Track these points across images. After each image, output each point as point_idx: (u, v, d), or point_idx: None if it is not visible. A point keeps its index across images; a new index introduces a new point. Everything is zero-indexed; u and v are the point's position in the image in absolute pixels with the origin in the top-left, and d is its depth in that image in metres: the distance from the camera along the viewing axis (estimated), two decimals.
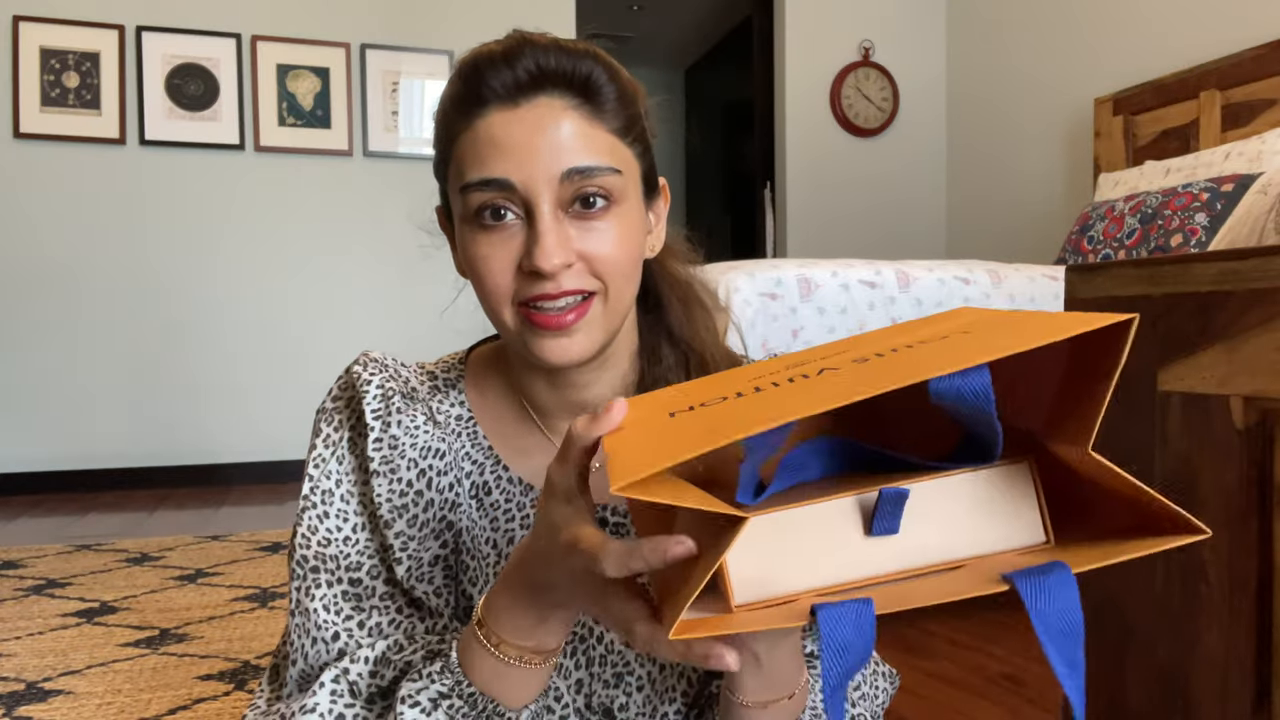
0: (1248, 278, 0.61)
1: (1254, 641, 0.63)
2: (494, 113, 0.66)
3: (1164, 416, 0.68)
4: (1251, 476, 0.63)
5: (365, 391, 0.71)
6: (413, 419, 0.71)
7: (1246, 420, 0.63)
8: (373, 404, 0.71)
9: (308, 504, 0.71)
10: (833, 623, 0.41)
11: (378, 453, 0.70)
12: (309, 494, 0.72)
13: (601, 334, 0.68)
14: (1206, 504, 0.66)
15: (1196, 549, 0.67)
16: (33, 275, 3.51)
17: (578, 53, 0.67)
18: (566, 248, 0.65)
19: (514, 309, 0.67)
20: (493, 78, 0.65)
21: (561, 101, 0.66)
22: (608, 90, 0.68)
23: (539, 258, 0.64)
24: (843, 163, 4.53)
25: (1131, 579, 0.73)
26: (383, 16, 3.89)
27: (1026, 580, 0.41)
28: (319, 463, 0.72)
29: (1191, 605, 0.67)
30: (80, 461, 3.56)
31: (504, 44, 0.67)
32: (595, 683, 0.69)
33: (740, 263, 2.16)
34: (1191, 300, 0.65)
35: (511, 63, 0.65)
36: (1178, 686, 0.69)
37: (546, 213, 0.64)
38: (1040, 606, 0.40)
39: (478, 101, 0.66)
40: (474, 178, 0.65)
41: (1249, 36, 3.03)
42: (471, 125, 0.66)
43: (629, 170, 0.69)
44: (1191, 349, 0.66)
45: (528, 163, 0.64)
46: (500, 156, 0.65)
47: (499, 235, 0.66)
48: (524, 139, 0.64)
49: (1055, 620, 0.40)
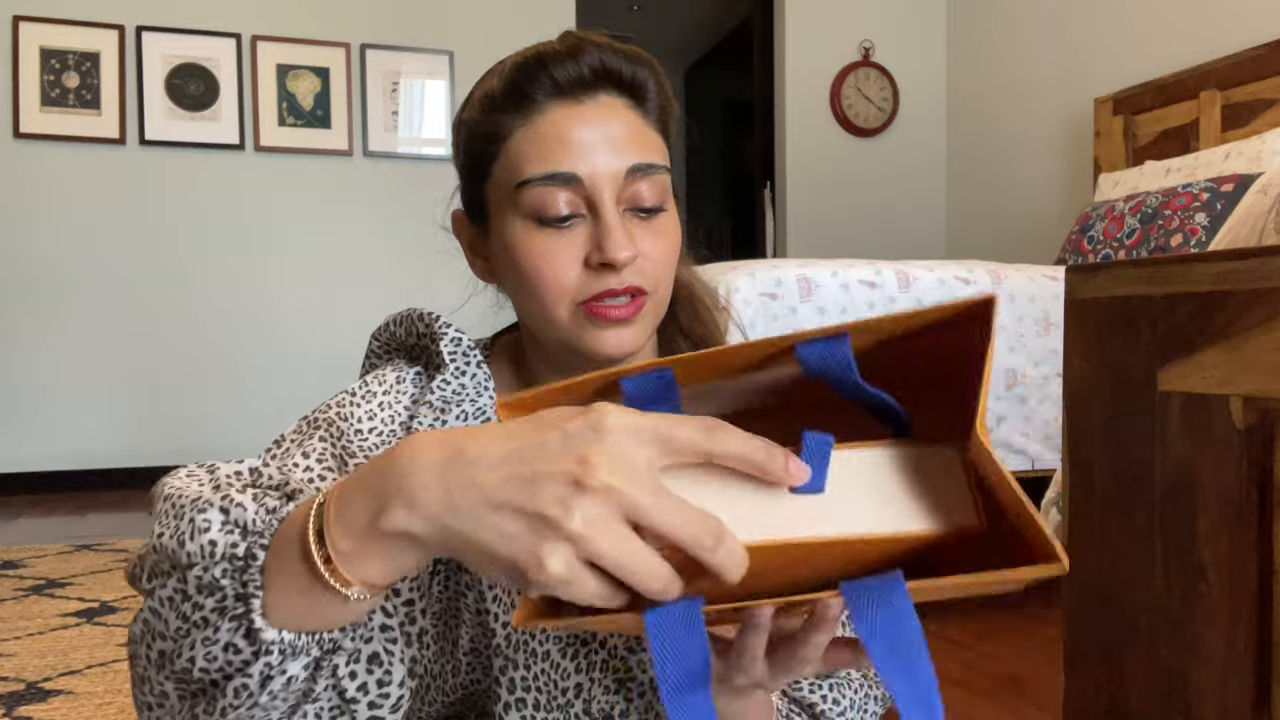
0: (1248, 278, 0.61)
1: (1254, 641, 0.63)
2: (556, 108, 0.66)
3: (1164, 416, 0.68)
4: (1251, 476, 0.63)
5: (444, 332, 0.70)
6: (482, 377, 0.69)
7: (1246, 420, 0.63)
8: (449, 346, 0.69)
9: (344, 394, 0.69)
10: (660, 624, 0.40)
11: (441, 391, 0.67)
12: (356, 389, 0.69)
13: (648, 331, 0.69)
14: (1206, 504, 0.66)
15: (1196, 549, 0.67)
16: (33, 275, 3.51)
17: (634, 56, 0.68)
18: (634, 243, 0.65)
19: (572, 306, 0.66)
20: (557, 71, 0.65)
21: (619, 100, 0.67)
22: (654, 94, 0.69)
23: (611, 249, 0.63)
24: (843, 163, 4.53)
25: (1131, 579, 0.73)
26: (383, 16, 3.89)
27: (856, 589, 0.40)
28: (375, 375, 0.71)
29: (1191, 605, 0.67)
30: (80, 461, 3.56)
31: (564, 42, 0.67)
32: (595, 688, 0.69)
33: (740, 263, 2.16)
34: (1191, 300, 0.65)
35: (576, 59, 0.66)
36: (1178, 686, 0.69)
37: (612, 208, 0.65)
38: (870, 616, 0.39)
39: (535, 96, 0.66)
40: (537, 172, 0.65)
41: (1249, 36, 3.03)
42: (530, 120, 0.66)
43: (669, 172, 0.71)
44: (1191, 349, 0.66)
45: (593, 158, 0.64)
46: (566, 151, 0.64)
47: (564, 236, 0.65)
48: (589, 134, 0.65)
49: (884, 630, 0.39)
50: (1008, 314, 2.20)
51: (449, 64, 3.94)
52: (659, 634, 0.40)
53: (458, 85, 3.95)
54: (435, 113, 3.97)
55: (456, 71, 3.94)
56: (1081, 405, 0.77)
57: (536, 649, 0.67)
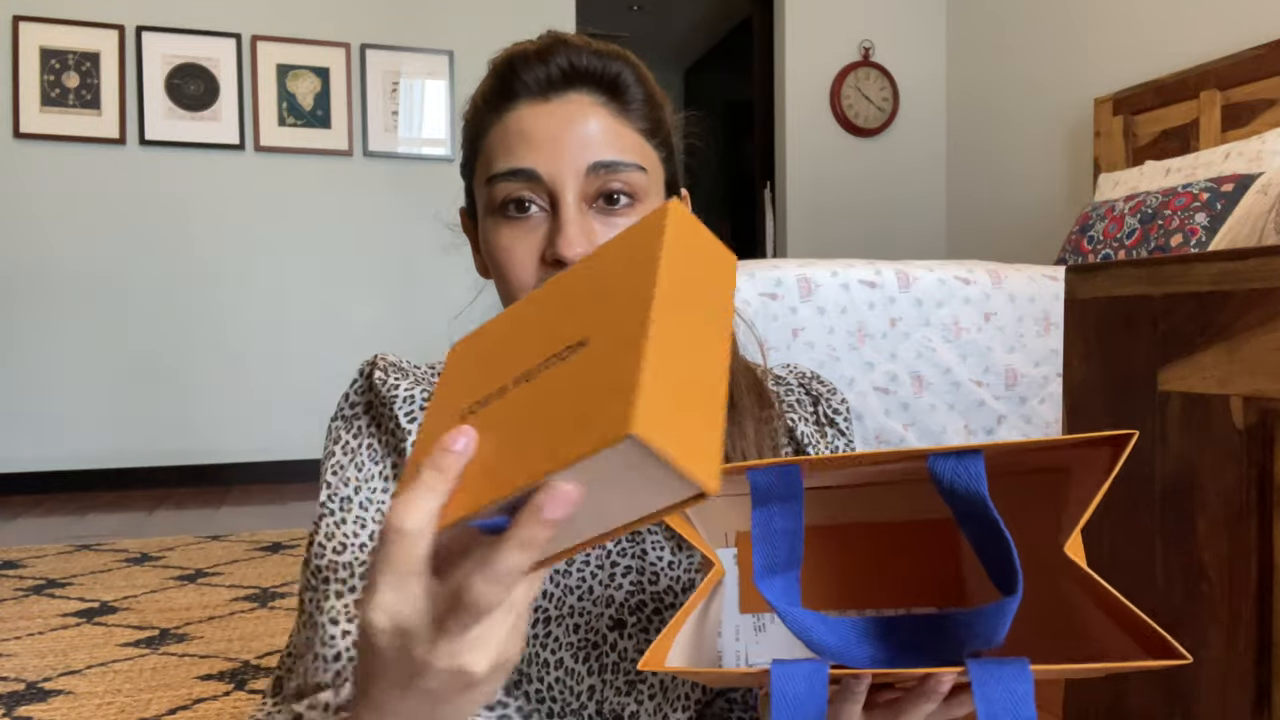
0: (1248, 278, 0.61)
1: (1254, 641, 0.63)
2: (524, 106, 0.67)
3: (1164, 416, 0.68)
4: (1251, 476, 0.63)
5: (394, 396, 0.70)
6: None
7: (1246, 420, 0.63)
8: (404, 407, 0.69)
9: (324, 511, 0.70)
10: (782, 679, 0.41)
11: None
12: (326, 501, 0.70)
13: None
14: (1207, 504, 0.66)
15: (1196, 549, 0.67)
16: (32, 275, 3.51)
17: (609, 54, 0.69)
18: (590, 239, 0.66)
19: None
20: (525, 72, 0.67)
21: (591, 98, 0.67)
22: (635, 91, 0.69)
23: (562, 246, 0.64)
24: (843, 163, 4.53)
25: (1131, 579, 0.73)
26: (383, 16, 3.89)
27: (982, 668, 0.41)
28: (336, 469, 0.71)
29: (1191, 605, 0.67)
30: (80, 461, 3.56)
31: (539, 42, 0.69)
32: (607, 689, 0.69)
33: (740, 263, 2.16)
34: (1191, 300, 0.65)
35: (545, 59, 0.67)
36: (1178, 686, 0.69)
37: (571, 204, 0.65)
38: (991, 694, 0.40)
39: (509, 96, 0.67)
40: (501, 168, 0.66)
41: (1249, 36, 3.03)
42: (501, 119, 0.68)
43: (653, 170, 0.70)
44: (1191, 349, 0.66)
45: (555, 155, 0.65)
46: (528, 148, 0.66)
47: (523, 227, 0.66)
48: (552, 132, 0.66)
49: (1003, 711, 0.40)
50: (1008, 314, 2.20)
51: (449, 64, 3.94)
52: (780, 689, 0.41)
53: (458, 85, 3.95)
54: (435, 113, 3.97)
55: (456, 71, 3.94)
56: (1081, 405, 0.77)
57: (549, 658, 0.67)
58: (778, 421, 0.78)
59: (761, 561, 0.49)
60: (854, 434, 0.83)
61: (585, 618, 0.69)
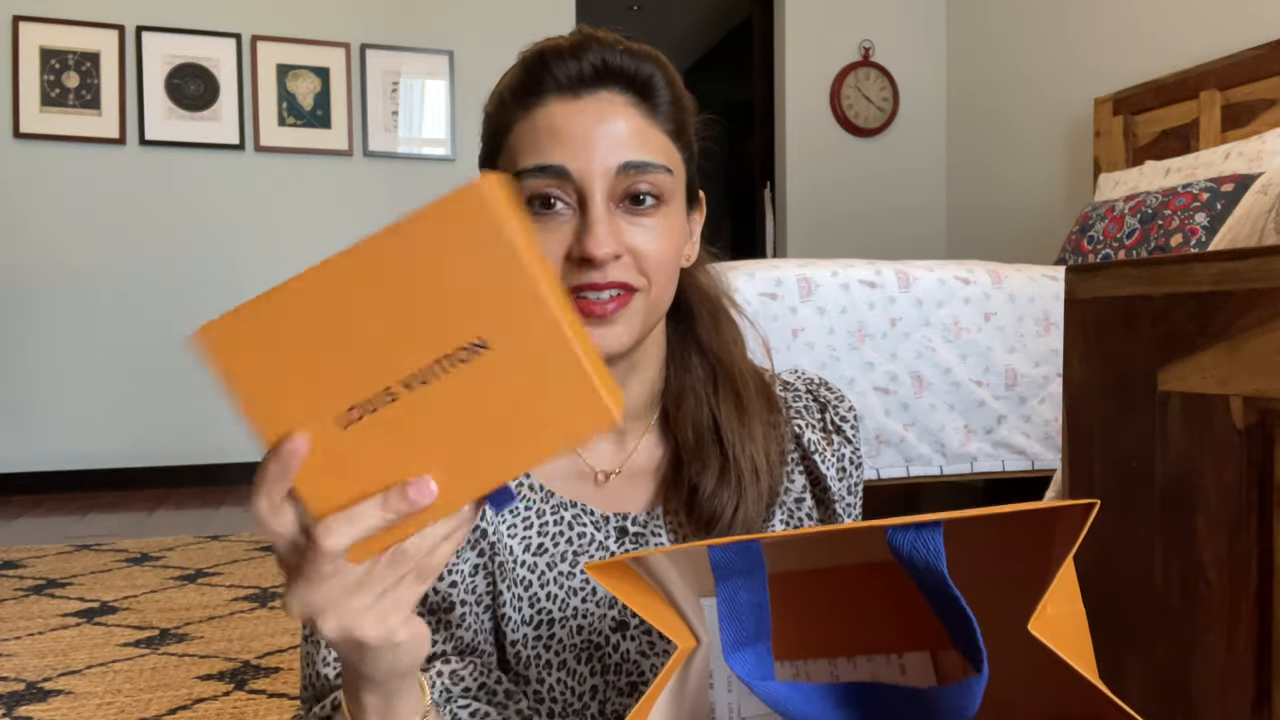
0: (1248, 278, 0.61)
1: (1254, 641, 0.63)
2: (554, 103, 0.66)
3: (1164, 416, 0.68)
4: (1251, 476, 0.63)
5: None
6: None
7: (1246, 420, 0.63)
8: None
9: None
10: None
11: None
12: None
13: (639, 329, 0.68)
14: (1206, 504, 0.66)
15: (1196, 549, 0.67)
16: (32, 275, 3.51)
17: (641, 54, 0.69)
18: (617, 239, 0.65)
19: None
20: (557, 67, 0.66)
21: (621, 98, 0.67)
22: (664, 92, 0.69)
23: (590, 245, 0.63)
24: (843, 163, 4.53)
25: (1132, 579, 0.73)
26: (383, 16, 3.89)
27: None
28: None
29: (1191, 605, 0.67)
30: (80, 461, 3.56)
31: (571, 39, 0.68)
32: (610, 690, 0.69)
33: (740, 263, 2.16)
34: (1191, 300, 0.65)
35: (578, 55, 0.66)
36: (1178, 686, 0.69)
37: (600, 203, 0.65)
38: None
39: (538, 90, 0.67)
40: (529, 164, 0.66)
41: (1249, 36, 3.03)
42: (530, 114, 0.67)
43: (678, 173, 0.70)
44: (1191, 349, 0.66)
45: (585, 152, 0.65)
46: (558, 144, 0.65)
47: (549, 224, 0.66)
48: (583, 129, 0.65)
49: None
50: (1008, 314, 2.20)
51: (449, 64, 3.94)
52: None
53: (458, 85, 3.95)
54: (435, 113, 3.97)
55: (456, 71, 3.94)
56: (1081, 405, 0.77)
57: (551, 659, 0.67)
58: (785, 427, 0.78)
59: (730, 636, 0.50)
60: (860, 441, 0.82)
61: (588, 619, 0.69)
